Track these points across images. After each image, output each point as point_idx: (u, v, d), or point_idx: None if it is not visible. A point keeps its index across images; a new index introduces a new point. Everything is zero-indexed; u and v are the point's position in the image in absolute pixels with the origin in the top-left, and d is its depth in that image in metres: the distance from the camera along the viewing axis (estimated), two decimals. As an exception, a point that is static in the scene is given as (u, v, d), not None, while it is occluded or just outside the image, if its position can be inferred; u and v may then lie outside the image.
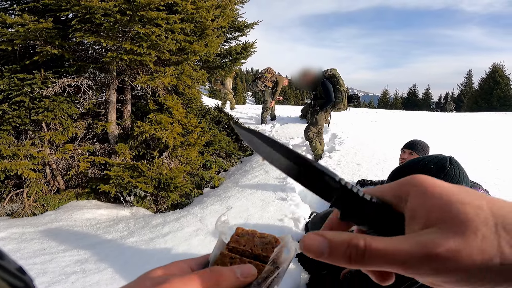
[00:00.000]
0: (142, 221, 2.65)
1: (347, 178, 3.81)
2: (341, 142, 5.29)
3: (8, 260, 0.26)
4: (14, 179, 3.01)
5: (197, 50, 3.14)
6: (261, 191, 3.33)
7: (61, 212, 2.81)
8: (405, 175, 1.07)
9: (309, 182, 0.26)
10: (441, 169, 1.06)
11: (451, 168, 1.07)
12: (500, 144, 5.95)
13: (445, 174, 1.05)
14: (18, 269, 0.27)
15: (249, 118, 7.89)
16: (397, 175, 1.16)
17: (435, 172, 1.05)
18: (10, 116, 2.64)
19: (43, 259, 1.96)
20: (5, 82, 2.49)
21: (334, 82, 4.39)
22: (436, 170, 1.06)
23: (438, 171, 1.05)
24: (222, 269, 0.28)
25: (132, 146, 3.26)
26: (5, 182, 2.93)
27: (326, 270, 2.16)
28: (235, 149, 4.52)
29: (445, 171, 1.06)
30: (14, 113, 2.65)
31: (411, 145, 2.87)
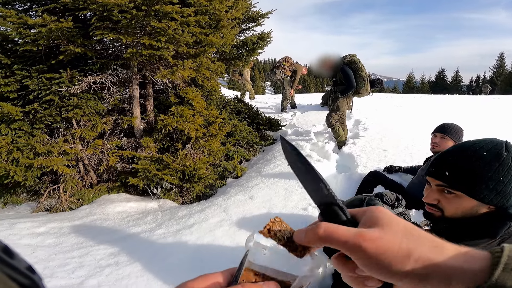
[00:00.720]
0: (169, 213, 2.65)
1: (374, 164, 3.60)
2: (365, 128, 5.02)
3: (18, 259, 0.26)
4: (50, 175, 3.13)
5: (213, 42, 3.04)
6: (284, 180, 3.23)
7: (95, 206, 2.88)
8: (452, 161, 0.87)
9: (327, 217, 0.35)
10: (497, 156, 0.87)
11: (508, 156, 0.87)
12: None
13: (500, 164, 0.86)
14: (28, 268, 0.27)
15: (269, 108, 7.74)
16: (441, 161, 0.99)
17: (488, 160, 0.86)
18: (42, 115, 2.71)
19: (80, 252, 2.00)
20: (34, 82, 2.54)
21: (354, 67, 4.14)
22: (491, 157, 0.87)
23: (493, 159, 0.86)
24: (251, 286, 0.33)
25: (157, 139, 3.27)
26: (42, 179, 3.04)
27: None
28: (256, 139, 4.43)
29: (501, 160, 0.86)
30: (45, 111, 2.71)
31: (443, 129, 2.61)
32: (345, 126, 4.57)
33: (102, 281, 1.71)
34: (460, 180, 0.91)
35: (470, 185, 0.89)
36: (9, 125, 2.62)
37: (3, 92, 2.52)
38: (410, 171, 3.25)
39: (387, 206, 2.16)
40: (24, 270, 0.25)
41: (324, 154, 4.05)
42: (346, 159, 3.97)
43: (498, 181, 0.86)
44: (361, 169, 3.49)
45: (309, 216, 2.61)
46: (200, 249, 2.06)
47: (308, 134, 4.80)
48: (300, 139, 4.64)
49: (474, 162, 0.88)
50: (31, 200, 3.16)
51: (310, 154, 3.88)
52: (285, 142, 0.39)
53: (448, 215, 0.98)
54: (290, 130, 5.22)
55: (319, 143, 4.40)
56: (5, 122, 2.61)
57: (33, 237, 2.18)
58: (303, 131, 5.05)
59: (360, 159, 3.75)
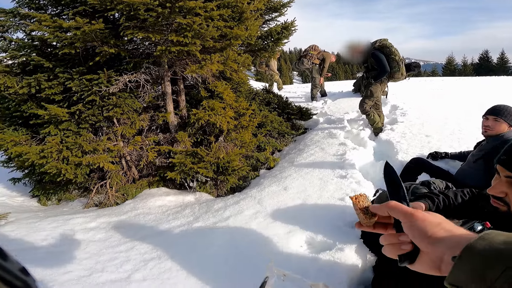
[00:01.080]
0: (205, 206, 2.67)
1: (416, 151, 3.31)
2: (404, 113, 4.65)
3: (11, 261, 0.26)
4: (98, 172, 3.31)
5: (238, 35, 2.99)
6: (318, 170, 3.09)
7: (138, 201, 3.00)
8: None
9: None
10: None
11: None
12: None
13: None
14: (21, 270, 0.26)
15: (298, 97, 7.52)
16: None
17: None
18: (86, 115, 2.85)
19: (126, 246, 2.07)
20: (76, 84, 2.67)
21: (386, 52, 3.86)
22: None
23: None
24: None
25: (190, 133, 3.31)
26: (91, 175, 3.23)
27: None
28: (287, 128, 4.31)
29: None
30: (89, 111, 2.85)
31: (496, 111, 2.30)
32: (381, 112, 4.27)
33: (146, 274, 1.76)
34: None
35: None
36: (57, 126, 2.80)
37: (48, 94, 2.68)
38: (459, 157, 2.93)
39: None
40: (17, 272, 0.25)
41: (360, 141, 3.81)
42: (384, 146, 3.71)
43: None
44: (401, 156, 3.22)
45: (346, 207, 2.46)
46: (236, 241, 2.04)
47: (341, 122, 4.57)
48: (333, 127, 4.42)
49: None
50: (82, 196, 3.38)
51: (345, 142, 3.67)
52: (389, 166, 0.60)
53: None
54: (322, 118, 5.01)
55: (354, 131, 4.16)
56: (53, 123, 2.79)
57: (85, 232, 2.31)
58: (336, 119, 4.81)
59: (400, 146, 3.47)
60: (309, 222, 2.22)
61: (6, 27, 2.74)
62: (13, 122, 2.97)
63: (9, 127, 2.90)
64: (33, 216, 2.64)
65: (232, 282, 1.69)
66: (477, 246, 0.37)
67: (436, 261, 0.43)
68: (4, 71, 2.65)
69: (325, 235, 2.06)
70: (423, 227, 0.45)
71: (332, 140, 3.83)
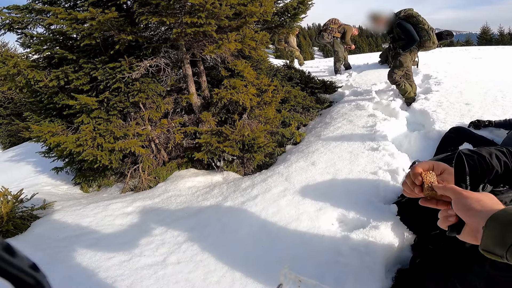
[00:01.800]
0: (233, 185, 2.61)
1: (455, 120, 2.95)
2: (438, 82, 4.17)
3: (20, 257, 0.25)
4: (130, 157, 3.37)
5: (253, 12, 2.80)
6: (347, 143, 2.88)
7: (169, 183, 3.02)
8: None
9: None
10: None
11: None
12: None
13: None
14: (31, 266, 0.26)
15: (321, 71, 7.10)
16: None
17: None
18: (114, 102, 2.85)
19: (161, 230, 2.07)
20: (101, 73, 2.65)
21: (413, 21, 3.52)
22: None
23: None
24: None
25: (214, 113, 3.22)
26: (125, 161, 3.29)
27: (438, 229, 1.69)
28: (311, 102, 4.06)
29: None
30: (116, 98, 2.85)
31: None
32: (413, 81, 3.86)
33: (180, 257, 1.74)
34: None
35: None
36: (89, 115, 2.83)
37: (76, 85, 2.69)
38: (504, 125, 2.58)
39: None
40: (26, 269, 0.25)
41: (391, 112, 3.49)
42: (418, 116, 3.37)
43: None
44: (439, 126, 2.90)
45: (380, 181, 2.26)
46: (265, 221, 1.96)
47: (369, 93, 4.21)
48: (360, 98, 4.10)
49: None
50: (119, 181, 3.49)
51: (374, 113, 3.38)
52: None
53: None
54: (347, 91, 4.66)
55: (383, 101, 3.82)
56: (85, 112, 2.82)
57: (124, 217, 2.35)
58: (363, 90, 4.45)
59: (436, 115, 3.12)
60: (340, 198, 2.07)
61: (25, 23, 2.73)
62: (48, 114, 3.06)
63: (45, 119, 2.99)
64: (77, 203, 2.75)
65: (261, 264, 1.62)
66: (499, 217, 0.45)
67: (474, 231, 0.50)
68: (32, 66, 2.69)
69: (358, 212, 1.91)
70: (466, 203, 0.52)
71: (360, 112, 3.55)
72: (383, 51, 6.52)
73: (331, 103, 4.38)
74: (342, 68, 6.59)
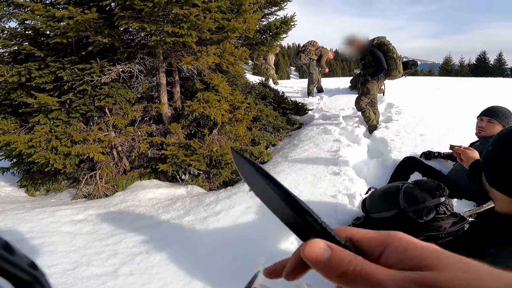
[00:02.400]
0: (196, 199, 2.63)
1: (409, 150, 3.30)
2: (399, 111, 4.63)
3: (19, 255, 0.25)
4: (88, 163, 3.24)
5: (236, 27, 2.92)
6: (312, 166, 3.07)
7: (128, 193, 2.94)
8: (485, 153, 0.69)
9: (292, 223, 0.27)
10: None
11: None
12: None
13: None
14: (30, 264, 0.26)
15: (294, 92, 7.46)
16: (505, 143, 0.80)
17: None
18: (77, 104, 2.77)
19: (114, 240, 2.03)
20: (68, 73, 2.58)
21: (384, 49, 3.83)
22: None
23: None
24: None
25: (184, 125, 3.25)
26: (81, 166, 3.16)
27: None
28: (282, 123, 4.27)
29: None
30: (80, 101, 2.77)
31: (490, 112, 2.29)
32: (377, 109, 4.25)
33: (134, 269, 1.72)
34: (495, 173, 0.82)
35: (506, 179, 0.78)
36: (47, 115, 2.71)
37: (38, 83, 2.59)
38: (452, 157, 2.94)
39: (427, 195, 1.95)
40: (25, 267, 0.25)
41: (354, 138, 3.79)
42: (378, 143, 3.70)
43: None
44: (395, 155, 3.22)
45: (339, 204, 2.45)
46: (228, 237, 2.01)
47: (337, 118, 4.54)
48: (328, 123, 4.39)
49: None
50: (71, 187, 3.31)
51: (339, 139, 3.65)
52: (237, 155, 0.31)
53: (498, 210, 0.84)
54: (317, 114, 4.97)
55: (349, 127, 4.13)
56: (43, 112, 2.70)
57: (73, 225, 2.26)
58: (331, 115, 4.78)
59: (394, 144, 3.46)
60: (301, 218, 2.20)
61: (0, 16, 2.62)
62: (2, 110, 2.88)
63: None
64: (20, 207, 2.57)
65: (222, 278, 1.66)
66: None
67: None
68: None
69: (316, 232, 2.05)
70: None
71: (327, 136, 3.81)
72: (354, 76, 7.04)
73: (301, 124, 4.63)
74: (315, 91, 7.00)
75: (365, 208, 2.12)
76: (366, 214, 2.12)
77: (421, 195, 1.95)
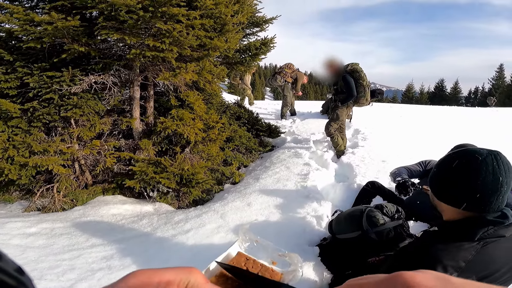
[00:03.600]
0: (164, 217, 2.63)
1: (372, 175, 3.61)
2: (365, 138, 5.06)
3: (5, 260, 0.25)
4: (45, 174, 3.10)
5: (217, 46, 3.07)
6: (283, 188, 3.23)
7: (89, 207, 2.86)
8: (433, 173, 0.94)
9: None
10: (469, 165, 0.98)
11: (483, 166, 0.98)
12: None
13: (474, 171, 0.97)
14: (17, 270, 0.26)
15: (268, 114, 7.78)
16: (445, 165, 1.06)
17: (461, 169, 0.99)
18: (41, 113, 2.70)
19: (71, 255, 1.97)
20: (35, 80, 2.54)
21: (356, 76, 4.18)
22: (463, 166, 0.99)
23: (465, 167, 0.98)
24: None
25: (155, 142, 3.27)
26: (36, 177, 3.01)
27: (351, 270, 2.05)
28: (255, 145, 4.44)
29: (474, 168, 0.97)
30: (44, 110, 2.71)
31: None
32: (344, 135, 4.61)
33: (93, 285, 1.69)
34: (436, 188, 1.07)
35: (442, 192, 1.04)
36: (6, 122, 2.61)
37: (2, 88, 2.51)
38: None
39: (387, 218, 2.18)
40: (12, 272, 0.25)
41: (323, 163, 4.07)
42: (344, 168, 4.00)
43: (470, 189, 0.97)
44: (359, 179, 3.50)
45: (307, 225, 2.61)
46: (196, 256, 2.05)
47: (307, 142, 4.83)
48: (299, 146, 4.66)
49: (447, 170, 1.02)
50: (24, 199, 3.12)
51: (309, 163, 3.89)
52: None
53: (446, 219, 1.09)
54: (289, 137, 5.25)
55: (318, 152, 4.42)
56: (3, 119, 2.60)
57: (24, 238, 2.15)
58: (302, 139, 5.08)
59: (359, 169, 3.77)
60: (271, 239, 2.30)
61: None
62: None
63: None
64: (-37, 220, 2.38)
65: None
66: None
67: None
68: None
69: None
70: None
71: (298, 159, 4.04)
72: (326, 101, 7.50)
73: (273, 147, 4.85)
74: (288, 114, 7.36)
75: (332, 229, 2.30)
76: (333, 235, 2.29)
77: (382, 218, 2.18)
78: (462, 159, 0.99)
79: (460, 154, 1.02)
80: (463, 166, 0.99)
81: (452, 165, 1.01)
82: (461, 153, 1.02)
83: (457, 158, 1.01)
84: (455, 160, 1.00)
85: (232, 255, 0.40)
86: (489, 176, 0.94)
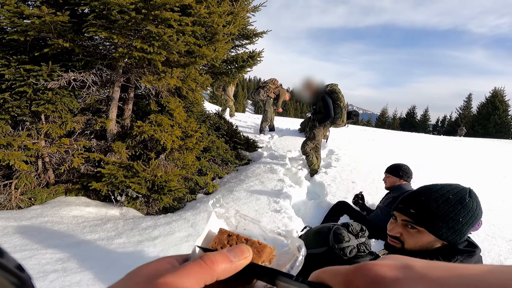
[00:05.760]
0: (131, 222, 2.64)
1: (342, 194, 3.85)
2: (338, 158, 5.35)
3: (7, 257, 0.26)
4: (3, 170, 2.99)
5: (205, 54, 3.18)
6: (255, 202, 3.35)
7: (48, 207, 2.78)
8: (420, 201, 1.14)
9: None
10: (460, 200, 1.09)
11: (470, 201, 1.10)
12: (493, 170, 6.06)
13: (463, 207, 1.08)
14: (17, 267, 0.27)
15: (248, 127, 7.96)
16: (411, 199, 1.17)
17: (453, 203, 1.09)
18: (10, 106, 2.65)
19: (22, 255, 1.93)
20: (11, 72, 2.51)
21: (334, 97, 4.45)
22: (455, 201, 1.09)
23: (457, 202, 1.09)
24: (214, 255, 0.27)
25: (130, 146, 3.28)
26: (-5, 172, 2.90)
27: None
28: (232, 157, 4.55)
29: (464, 204, 1.09)
30: (14, 102, 2.66)
31: (387, 168, 3.08)
32: (319, 155, 4.86)
33: (45, 286, 1.67)
34: (425, 218, 1.11)
35: (432, 223, 1.10)
36: (-29, 111, 2.53)
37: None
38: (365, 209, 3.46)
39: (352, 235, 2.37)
40: (13, 269, 0.25)
41: (297, 180, 4.25)
42: (317, 187, 4.21)
43: (457, 221, 1.08)
44: (330, 198, 3.72)
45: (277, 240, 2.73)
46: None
47: (283, 159, 5.02)
48: (275, 162, 4.83)
49: (440, 204, 1.10)
50: (-24, 194, 2.97)
51: (283, 179, 4.06)
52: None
53: (407, 248, 1.17)
54: (266, 152, 5.42)
55: (293, 169, 4.62)
56: (-33, 108, 2.52)
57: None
58: (279, 155, 5.27)
59: (330, 189, 4.00)
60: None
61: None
62: None
63: None
64: None
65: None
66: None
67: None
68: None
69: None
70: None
71: (272, 175, 4.20)
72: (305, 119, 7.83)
73: (249, 161, 4.99)
74: (267, 129, 7.58)
75: (299, 244, 2.44)
76: (300, 249, 2.44)
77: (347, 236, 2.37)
78: (456, 196, 1.09)
79: (454, 191, 1.12)
80: (457, 201, 1.08)
81: (446, 198, 1.09)
82: (454, 188, 1.13)
83: (450, 193, 1.10)
84: (449, 195, 1.10)
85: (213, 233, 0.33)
86: (476, 211, 1.08)
